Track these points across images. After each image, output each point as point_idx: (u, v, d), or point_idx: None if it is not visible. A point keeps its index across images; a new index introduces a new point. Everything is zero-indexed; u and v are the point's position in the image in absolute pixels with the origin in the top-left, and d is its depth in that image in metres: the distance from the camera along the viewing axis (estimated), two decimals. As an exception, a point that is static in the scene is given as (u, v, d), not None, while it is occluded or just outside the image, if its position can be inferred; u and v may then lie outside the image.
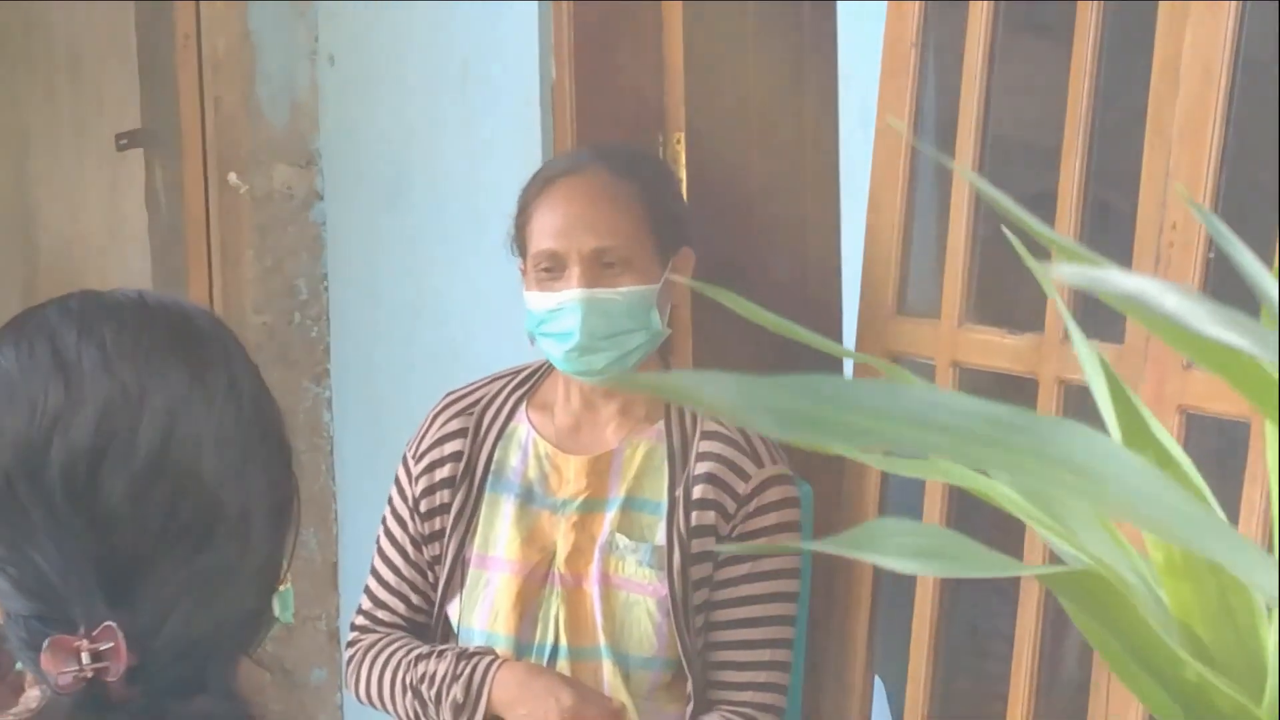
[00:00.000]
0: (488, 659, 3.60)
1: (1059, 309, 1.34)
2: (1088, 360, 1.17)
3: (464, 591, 3.70)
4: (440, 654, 3.65)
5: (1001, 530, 3.61)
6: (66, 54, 7.36)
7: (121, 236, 6.86)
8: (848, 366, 3.77)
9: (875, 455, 3.46)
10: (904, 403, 0.79)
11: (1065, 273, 0.69)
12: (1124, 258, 3.16)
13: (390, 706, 3.70)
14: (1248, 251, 0.69)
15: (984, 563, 0.88)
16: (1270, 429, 0.88)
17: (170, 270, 6.18)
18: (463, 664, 3.60)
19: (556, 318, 3.61)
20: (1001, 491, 0.88)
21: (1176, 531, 0.77)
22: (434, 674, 3.60)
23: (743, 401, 0.82)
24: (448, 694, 3.57)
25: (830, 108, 4.07)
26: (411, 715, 3.65)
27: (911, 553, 0.91)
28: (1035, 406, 3.20)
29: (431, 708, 3.59)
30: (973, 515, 3.61)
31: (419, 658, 3.65)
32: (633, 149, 4.05)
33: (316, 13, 5.69)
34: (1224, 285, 3.05)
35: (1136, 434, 1.06)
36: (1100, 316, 2.77)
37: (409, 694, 3.63)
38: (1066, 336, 3.15)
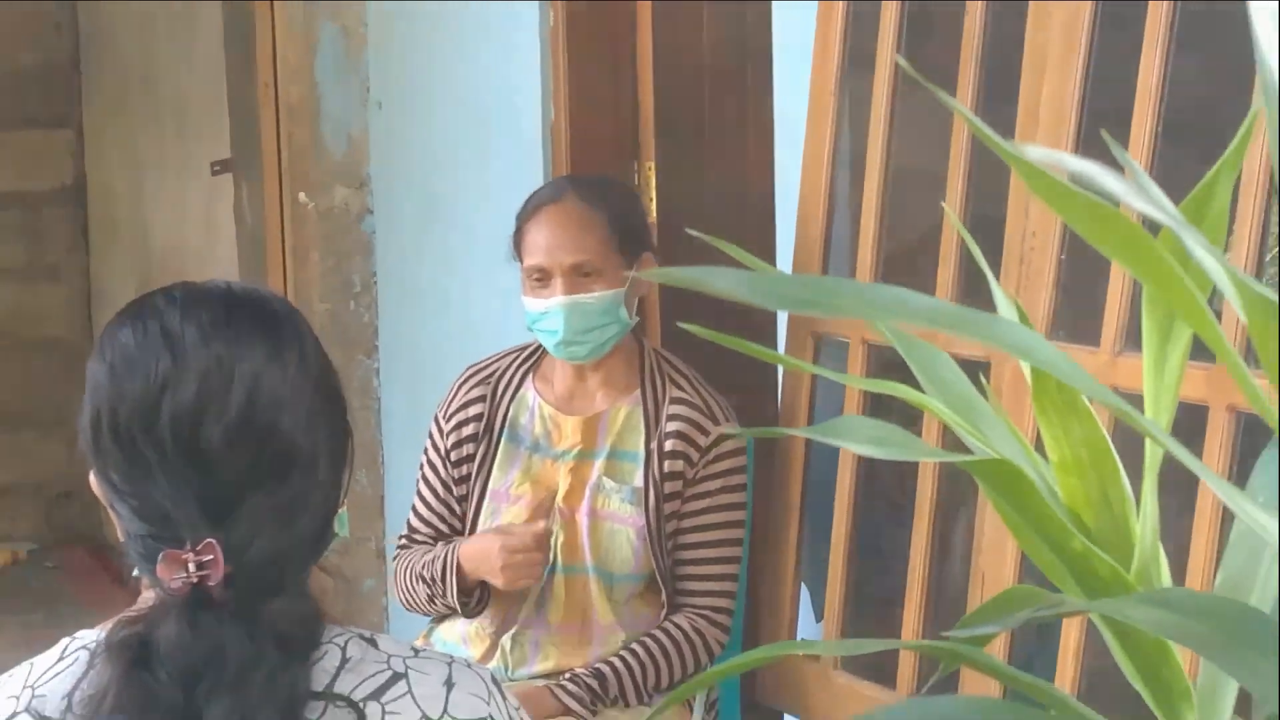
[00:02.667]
0: (457, 540, 3.69)
1: (978, 260, 1.34)
2: (1001, 300, 1.18)
3: (484, 519, 3.73)
4: (434, 549, 3.73)
5: (897, 474, 3.64)
6: (173, 100, 7.35)
7: (215, 242, 6.86)
8: (780, 343, 3.77)
9: (822, 369, 3.45)
10: (881, 295, 0.80)
11: (1034, 153, 0.69)
12: (997, 258, 3.17)
13: (416, 601, 3.75)
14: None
15: (923, 450, 0.89)
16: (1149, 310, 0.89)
17: (253, 268, 6.18)
18: (442, 548, 3.68)
19: (546, 318, 3.66)
20: (935, 406, 0.90)
21: (1068, 376, 0.78)
22: (430, 560, 3.66)
23: (752, 289, 0.84)
24: (437, 572, 3.64)
25: (768, 142, 4.08)
26: (426, 602, 3.71)
27: (871, 441, 0.92)
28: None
29: (436, 587, 3.65)
30: (877, 462, 3.63)
31: (422, 557, 3.71)
32: (603, 179, 4.08)
33: (368, 68, 5.69)
34: (1073, 281, 3.06)
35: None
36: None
37: (421, 584, 3.67)
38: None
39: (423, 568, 3.67)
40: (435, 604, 3.70)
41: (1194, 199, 0.82)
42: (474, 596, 3.64)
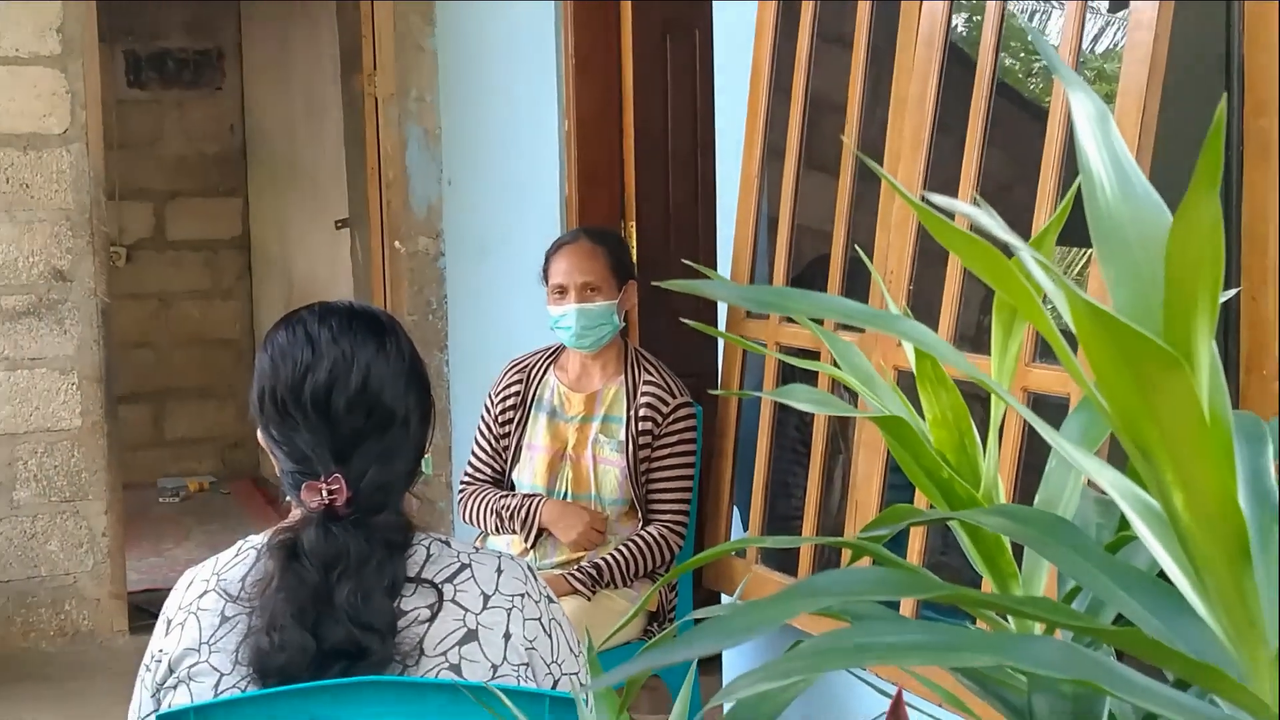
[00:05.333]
0: (538, 497, 3.64)
1: (877, 282, 1.34)
2: (893, 307, 1.17)
3: (519, 464, 3.73)
4: (511, 495, 3.68)
5: (798, 431, 3.63)
6: (309, 177, 7.34)
7: (337, 274, 6.85)
8: (718, 345, 3.76)
9: (771, 351, 3.43)
10: (824, 300, 0.79)
11: (937, 199, 0.69)
12: (866, 287, 3.17)
13: (482, 524, 3.73)
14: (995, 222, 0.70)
15: (844, 408, 0.89)
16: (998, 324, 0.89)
17: (363, 292, 6.17)
18: (525, 500, 3.65)
19: (564, 319, 3.67)
20: (847, 378, 0.90)
21: (943, 355, 0.78)
22: (509, 504, 3.63)
23: (734, 294, 0.83)
24: (518, 515, 3.61)
25: (711, 209, 4.07)
26: (493, 528, 3.68)
27: (810, 400, 0.92)
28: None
29: (507, 524, 3.62)
30: (785, 422, 3.62)
31: (500, 497, 3.68)
32: (605, 229, 4.07)
33: (442, 156, 5.69)
34: (918, 299, 3.06)
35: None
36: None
37: (494, 516, 3.66)
38: (836, 328, 3.15)
39: (501, 508, 3.66)
40: (498, 531, 3.69)
41: (1037, 238, 0.82)
42: (539, 536, 3.64)
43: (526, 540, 3.64)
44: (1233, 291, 0.91)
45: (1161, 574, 0.72)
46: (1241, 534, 0.66)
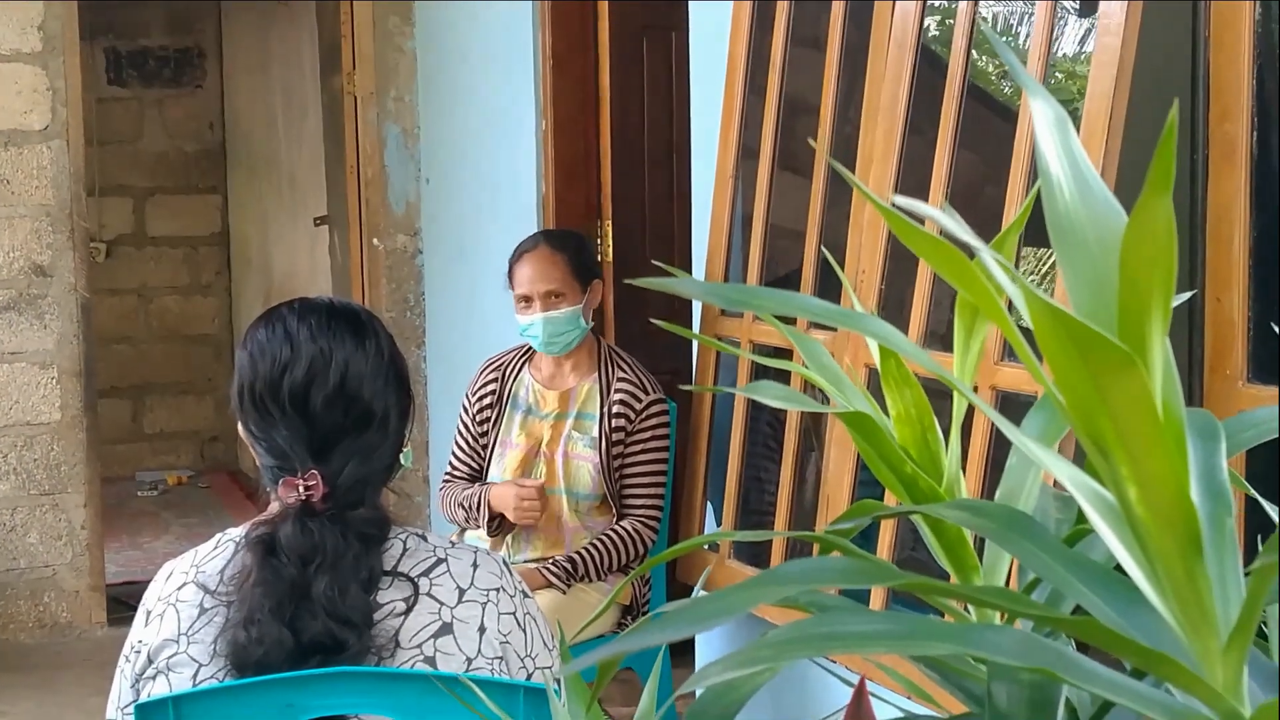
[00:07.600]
0: (487, 485, 3.68)
1: (844, 284, 1.34)
2: (859, 307, 1.18)
3: (495, 461, 3.73)
4: (470, 487, 3.71)
5: (771, 428, 3.65)
6: (288, 174, 7.32)
7: (316, 271, 6.83)
8: (694, 341, 3.77)
9: (741, 351, 3.44)
10: (791, 298, 0.80)
11: (902, 201, 0.70)
12: (838, 288, 3.17)
13: (455, 519, 3.74)
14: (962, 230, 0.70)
15: (811, 404, 0.90)
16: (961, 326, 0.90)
17: (342, 289, 6.16)
18: (477, 489, 3.67)
19: (531, 328, 3.69)
20: (814, 377, 0.91)
21: (911, 355, 0.79)
22: (467, 495, 3.65)
23: (703, 291, 0.84)
24: (472, 504, 3.62)
25: (686, 208, 4.08)
26: (463, 520, 3.69)
27: (778, 397, 0.92)
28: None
29: (472, 514, 3.64)
30: (758, 419, 3.64)
31: (463, 489, 3.69)
32: (565, 232, 4.06)
33: (420, 155, 5.68)
34: (889, 299, 3.08)
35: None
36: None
37: (460, 510, 3.67)
38: (809, 327, 3.16)
39: (463, 500, 3.68)
40: (468, 522, 3.70)
41: (998, 239, 0.83)
42: (496, 522, 3.65)
43: (486, 529, 3.66)
44: (1189, 294, 0.92)
45: (1118, 566, 0.73)
46: (1194, 528, 0.67)
